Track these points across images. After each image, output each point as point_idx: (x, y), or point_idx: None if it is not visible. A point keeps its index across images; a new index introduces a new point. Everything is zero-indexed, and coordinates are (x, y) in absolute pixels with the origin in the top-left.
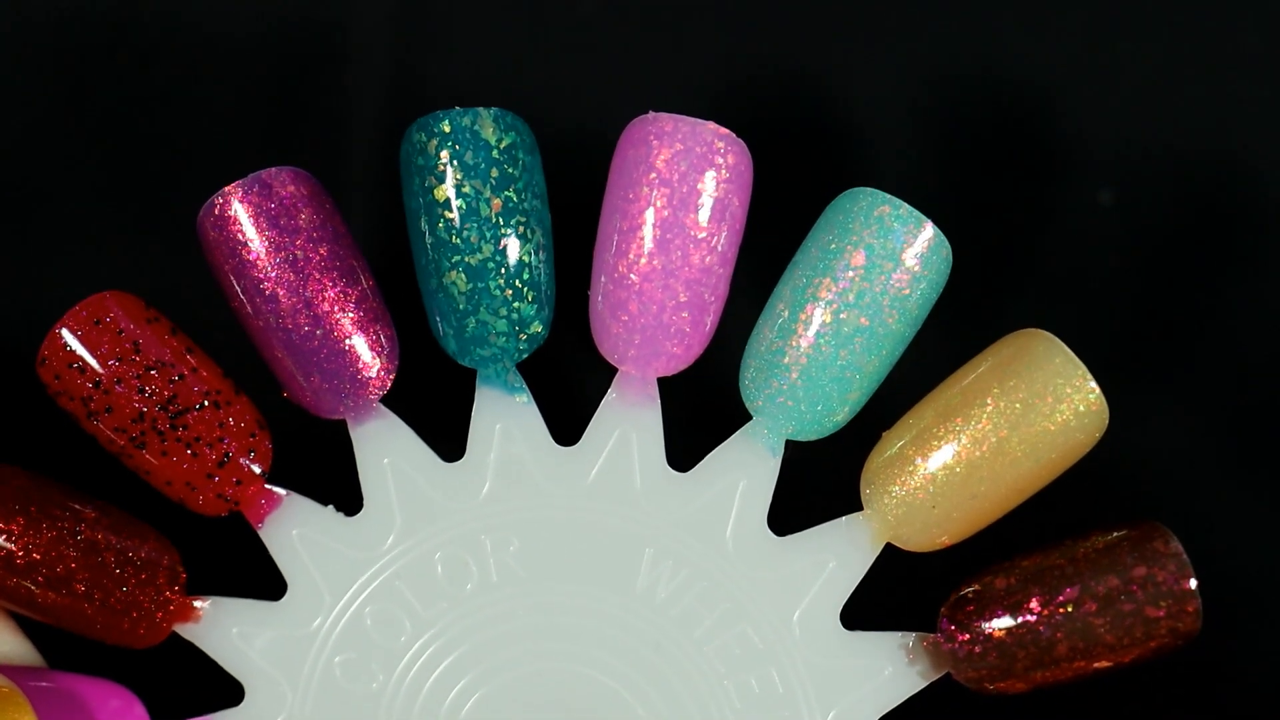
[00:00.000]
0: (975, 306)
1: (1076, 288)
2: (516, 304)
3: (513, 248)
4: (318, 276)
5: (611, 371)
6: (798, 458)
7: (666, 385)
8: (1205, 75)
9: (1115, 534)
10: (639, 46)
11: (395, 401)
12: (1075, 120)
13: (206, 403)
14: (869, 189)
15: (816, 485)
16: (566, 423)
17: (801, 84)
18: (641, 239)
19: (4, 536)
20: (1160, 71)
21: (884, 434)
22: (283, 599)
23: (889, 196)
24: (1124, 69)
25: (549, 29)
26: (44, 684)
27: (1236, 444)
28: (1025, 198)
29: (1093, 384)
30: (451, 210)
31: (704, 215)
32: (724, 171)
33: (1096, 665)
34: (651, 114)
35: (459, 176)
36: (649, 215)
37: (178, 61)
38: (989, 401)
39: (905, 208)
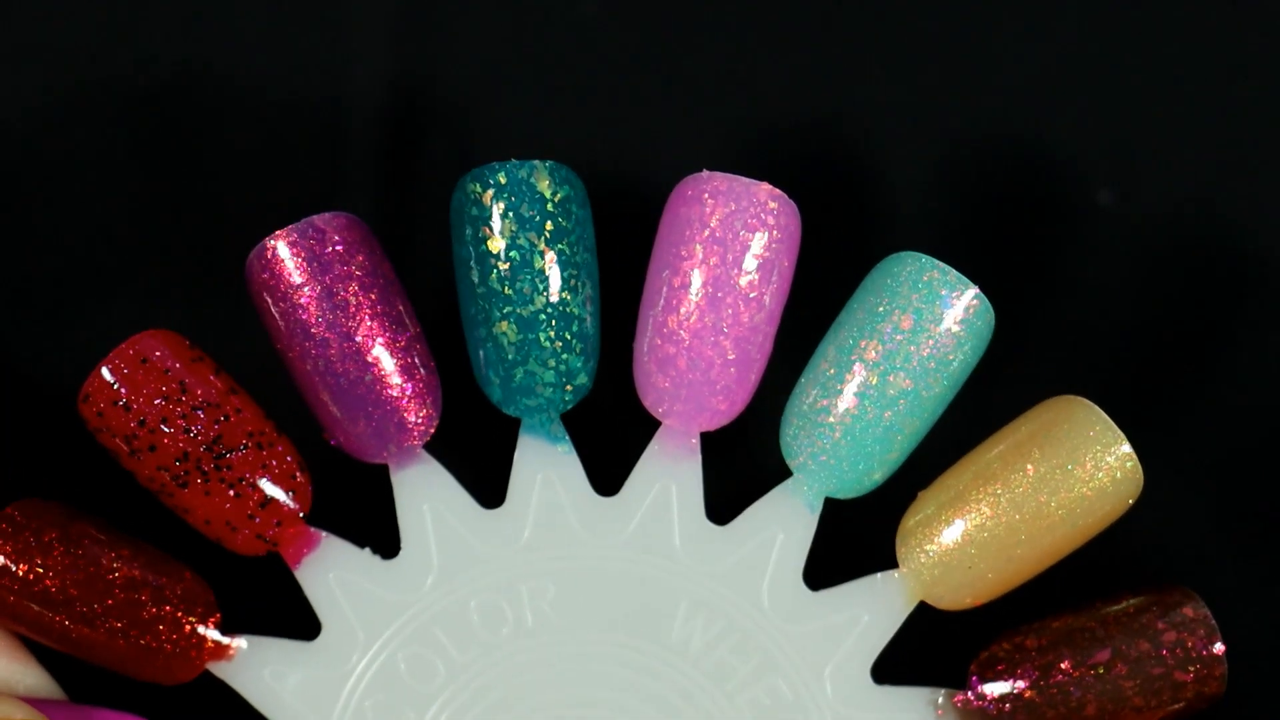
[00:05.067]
0: (992, 360)
1: (1095, 337)
2: (565, 356)
3: (564, 300)
4: (368, 322)
5: (649, 422)
6: (831, 513)
7: (703, 438)
8: (1213, 130)
9: (1142, 597)
10: (657, 98)
11: (435, 447)
12: (1093, 171)
13: (249, 443)
14: (916, 254)
15: (848, 541)
16: (602, 472)
17: (820, 131)
18: (693, 296)
19: (39, 571)
20: (1187, 122)
21: (920, 494)
22: (316, 639)
23: (937, 262)
24: (1149, 127)
25: (568, 76)
26: (73, 718)
27: (1233, 489)
28: (1042, 247)
29: (1129, 450)
30: (504, 261)
31: (755, 275)
32: (776, 232)
33: None
34: (705, 173)
35: (514, 228)
36: (701, 273)
37: (217, 109)
38: (1029, 466)
39: (953, 273)
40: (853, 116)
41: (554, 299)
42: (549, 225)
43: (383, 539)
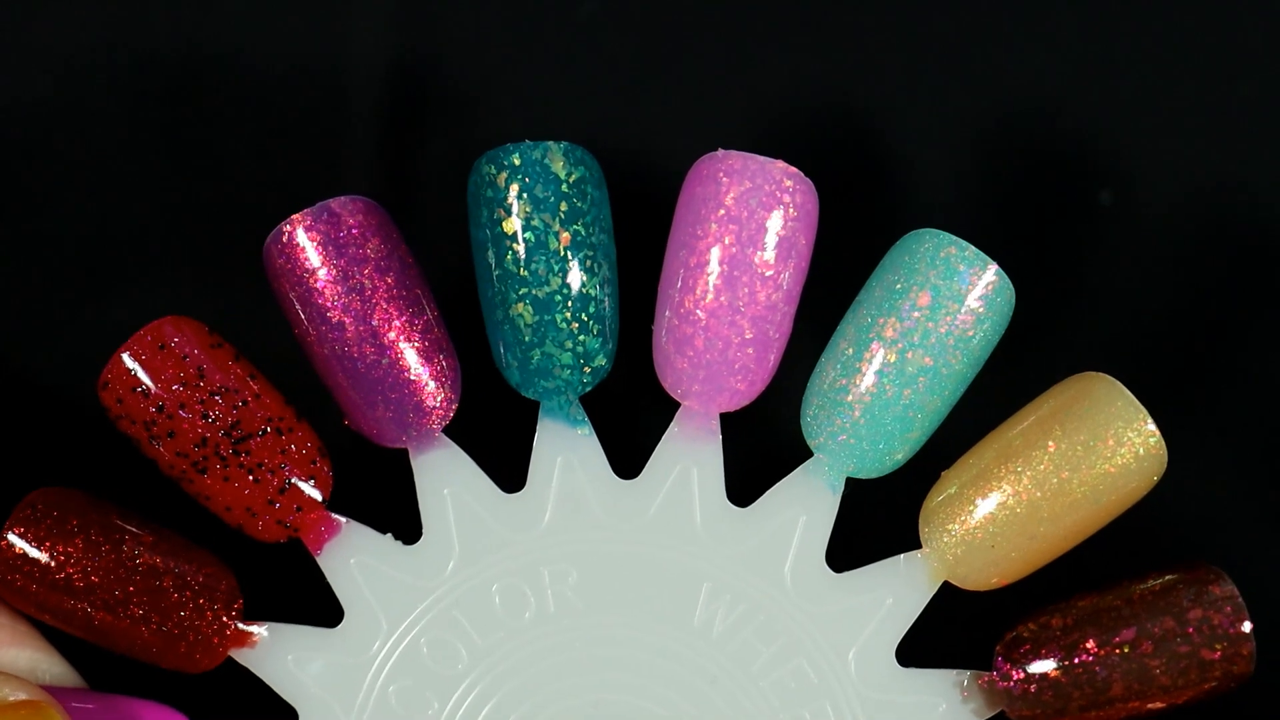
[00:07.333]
0: (1017, 341)
1: (1117, 315)
2: (582, 337)
3: (580, 281)
4: (384, 305)
5: (669, 405)
6: (854, 494)
7: (724, 419)
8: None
9: (1170, 576)
10: (671, 80)
11: (455, 431)
12: (1120, 154)
13: (269, 429)
14: (934, 230)
15: (871, 522)
16: (622, 455)
17: (837, 113)
18: (709, 275)
19: (63, 559)
20: (1213, 106)
21: (943, 474)
22: (339, 626)
23: (954, 238)
24: (1176, 107)
25: (581, 58)
26: (92, 705)
27: (1267, 472)
28: (1063, 224)
29: (1152, 427)
30: (520, 243)
31: (771, 253)
32: (792, 210)
33: (1150, 706)
34: (721, 151)
35: (528, 209)
36: (717, 252)
37: (233, 93)
38: (1050, 443)
39: (971, 249)
40: (869, 98)
41: (570, 280)
42: (564, 206)
43: (404, 524)
